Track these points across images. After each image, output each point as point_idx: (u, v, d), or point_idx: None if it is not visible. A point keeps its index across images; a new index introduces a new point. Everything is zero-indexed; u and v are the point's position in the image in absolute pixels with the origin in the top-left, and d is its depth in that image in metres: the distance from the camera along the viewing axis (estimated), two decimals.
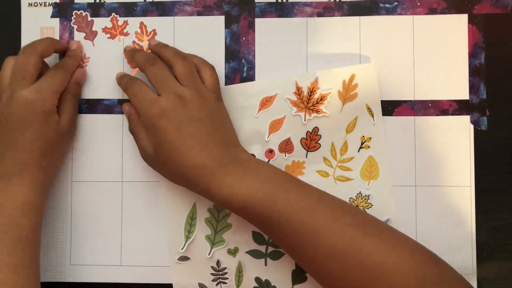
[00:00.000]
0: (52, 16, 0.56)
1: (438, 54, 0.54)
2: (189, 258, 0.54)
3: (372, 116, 0.53)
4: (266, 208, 0.44)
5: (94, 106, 0.55)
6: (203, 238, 0.54)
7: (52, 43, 0.52)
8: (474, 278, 0.52)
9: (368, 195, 0.53)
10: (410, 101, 0.54)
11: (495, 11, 0.54)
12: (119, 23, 0.56)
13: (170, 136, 0.45)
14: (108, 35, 0.56)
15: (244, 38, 0.55)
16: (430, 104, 0.54)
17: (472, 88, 0.54)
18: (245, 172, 0.45)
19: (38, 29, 0.56)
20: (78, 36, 0.56)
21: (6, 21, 0.57)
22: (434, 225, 0.53)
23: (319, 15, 0.55)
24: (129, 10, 0.56)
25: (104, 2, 0.56)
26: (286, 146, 0.54)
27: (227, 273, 0.54)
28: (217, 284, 0.54)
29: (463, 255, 0.53)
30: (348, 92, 0.53)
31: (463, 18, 0.54)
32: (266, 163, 0.49)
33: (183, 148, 0.45)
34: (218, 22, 0.55)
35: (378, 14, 0.54)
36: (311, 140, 0.54)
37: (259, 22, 0.55)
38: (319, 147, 0.54)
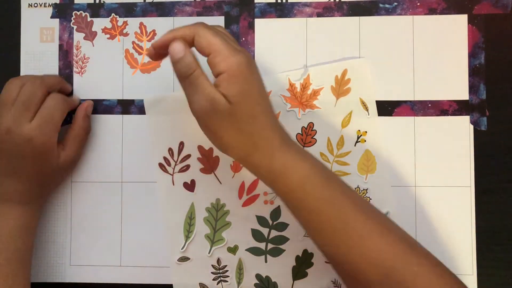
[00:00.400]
0: (52, 17, 0.56)
1: (438, 55, 0.54)
2: (189, 258, 0.54)
3: (367, 110, 0.53)
4: (324, 191, 0.42)
5: (94, 107, 0.55)
6: (202, 237, 0.54)
7: (61, 82, 0.53)
8: (474, 279, 0.53)
9: (366, 189, 0.53)
10: (410, 101, 0.54)
11: (495, 11, 0.54)
12: (118, 24, 0.56)
13: (257, 87, 0.41)
14: (108, 36, 0.56)
15: (244, 39, 0.55)
16: (430, 105, 0.54)
17: (472, 88, 0.54)
18: (305, 154, 0.44)
19: (38, 29, 0.56)
20: (78, 37, 0.56)
21: (6, 21, 0.57)
22: (434, 225, 0.53)
23: (319, 15, 0.55)
24: (128, 11, 0.56)
25: (104, 2, 0.56)
26: None
27: (227, 271, 0.54)
28: (218, 283, 0.54)
29: (463, 255, 0.53)
30: (341, 87, 0.53)
31: (463, 19, 0.54)
32: None
33: (266, 105, 0.42)
34: (218, 22, 0.55)
35: (378, 14, 0.54)
36: (307, 136, 0.54)
37: (259, 23, 0.55)
38: (315, 142, 0.54)
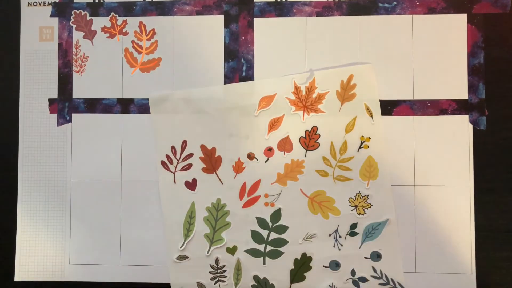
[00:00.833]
0: (52, 15, 0.56)
1: (437, 54, 0.54)
2: (187, 257, 0.54)
3: (371, 116, 0.53)
4: None
5: (93, 106, 0.55)
6: (202, 237, 0.54)
7: None
8: (473, 278, 0.53)
9: (368, 195, 0.53)
10: (409, 100, 0.54)
11: (494, 11, 0.54)
12: (118, 23, 0.56)
13: None
14: (107, 35, 0.56)
15: (243, 38, 0.55)
16: (429, 104, 0.54)
17: (471, 87, 0.54)
18: None
19: (37, 28, 0.56)
20: (77, 35, 0.56)
21: (6, 20, 0.57)
22: (433, 224, 0.53)
23: (318, 14, 0.55)
24: (128, 10, 0.56)
25: (103, 1, 0.56)
26: (285, 145, 0.54)
27: (225, 271, 0.54)
28: (215, 283, 0.54)
29: (462, 254, 0.53)
30: (346, 92, 0.53)
31: (462, 18, 0.54)
32: None
33: None
34: (217, 21, 0.55)
35: (377, 13, 0.54)
36: (310, 139, 0.54)
37: (258, 22, 0.55)
38: (318, 146, 0.54)
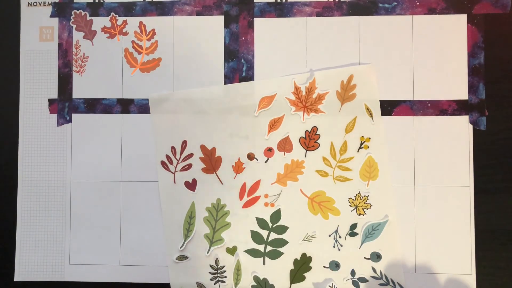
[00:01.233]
0: (52, 16, 0.56)
1: (437, 54, 0.54)
2: (187, 257, 0.54)
3: (372, 117, 0.53)
4: None
5: (93, 106, 0.55)
6: (201, 237, 0.54)
7: None
8: (473, 278, 0.53)
9: (368, 195, 0.53)
10: (409, 101, 0.54)
11: (494, 11, 0.54)
12: (118, 23, 0.56)
13: None
14: (107, 35, 0.56)
15: (243, 38, 0.55)
16: (429, 104, 0.54)
17: (471, 88, 0.54)
18: None
19: (37, 28, 0.56)
20: (77, 36, 0.56)
21: (6, 20, 0.57)
22: (432, 225, 0.53)
23: (318, 15, 0.55)
24: (128, 10, 0.56)
25: (103, 1, 0.56)
26: (285, 145, 0.54)
27: (225, 271, 0.54)
28: (215, 283, 0.54)
29: (462, 255, 0.53)
30: (346, 93, 0.53)
31: (463, 18, 0.54)
32: None
33: None
34: (217, 21, 0.55)
35: (378, 14, 0.54)
36: (310, 140, 0.54)
37: (258, 22, 0.55)
38: (318, 147, 0.54)
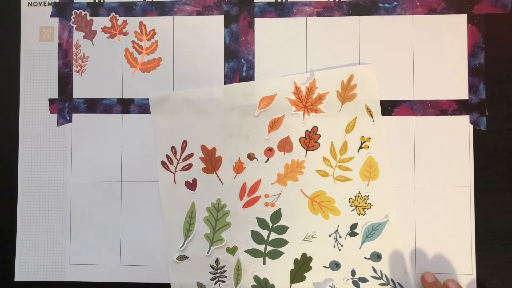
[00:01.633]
0: (52, 16, 0.56)
1: (438, 54, 0.54)
2: (187, 257, 0.54)
3: (372, 117, 0.53)
4: None
5: (93, 106, 0.55)
6: (202, 237, 0.54)
7: None
8: (473, 278, 0.53)
9: (368, 195, 0.53)
10: (410, 101, 0.54)
11: (494, 11, 0.54)
12: (118, 23, 0.56)
13: None
14: (108, 35, 0.56)
15: (243, 38, 0.55)
16: (430, 104, 0.54)
17: (472, 88, 0.54)
18: None
19: (37, 28, 0.56)
20: (78, 35, 0.56)
21: (6, 20, 0.57)
22: (433, 225, 0.53)
23: (319, 14, 0.55)
24: (128, 10, 0.56)
25: (104, 1, 0.56)
26: (286, 145, 0.54)
27: (225, 271, 0.54)
28: (215, 283, 0.54)
29: (462, 255, 0.53)
30: (346, 92, 0.53)
31: (463, 18, 0.54)
32: None
33: None
34: (217, 21, 0.55)
35: (378, 14, 0.54)
36: (310, 140, 0.54)
37: (258, 22, 0.55)
38: (319, 146, 0.54)
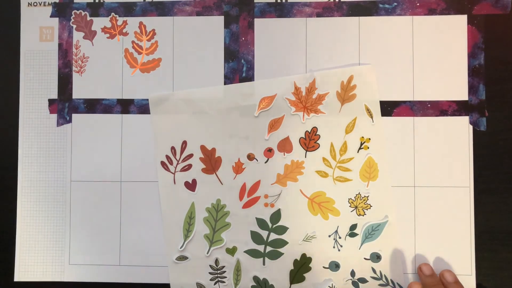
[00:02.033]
0: (52, 16, 0.56)
1: (438, 55, 0.54)
2: (187, 258, 0.54)
3: (371, 117, 0.53)
4: None
5: (93, 106, 0.55)
6: (201, 237, 0.54)
7: None
8: (473, 279, 0.53)
9: (367, 196, 0.53)
10: (409, 101, 0.54)
11: (494, 12, 0.54)
12: (118, 23, 0.56)
13: None
14: (107, 35, 0.56)
15: (243, 38, 0.55)
16: (429, 105, 0.54)
17: (472, 88, 0.54)
18: None
19: (37, 28, 0.56)
20: (77, 36, 0.56)
21: (6, 20, 0.57)
22: (432, 225, 0.53)
23: (319, 15, 0.55)
24: (128, 10, 0.56)
25: (104, 1, 0.56)
26: (285, 145, 0.54)
27: (225, 271, 0.54)
28: (215, 283, 0.54)
29: (462, 255, 0.53)
30: (346, 93, 0.53)
31: (463, 19, 0.54)
32: None
33: None
34: (217, 22, 0.55)
35: (378, 14, 0.54)
36: (310, 140, 0.54)
37: (258, 22, 0.55)
38: (318, 147, 0.54)
